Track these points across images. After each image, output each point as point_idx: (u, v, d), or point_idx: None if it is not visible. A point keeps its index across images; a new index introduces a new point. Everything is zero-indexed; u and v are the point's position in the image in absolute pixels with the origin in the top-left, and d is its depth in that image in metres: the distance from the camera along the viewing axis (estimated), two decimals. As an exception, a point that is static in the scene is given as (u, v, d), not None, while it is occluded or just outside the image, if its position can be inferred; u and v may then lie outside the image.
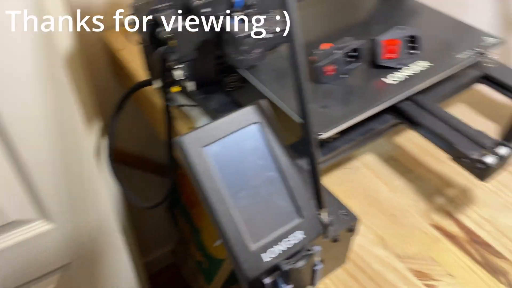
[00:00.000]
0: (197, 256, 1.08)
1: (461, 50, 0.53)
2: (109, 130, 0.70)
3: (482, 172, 0.43)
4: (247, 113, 0.36)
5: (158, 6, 0.45)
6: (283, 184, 0.37)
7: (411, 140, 0.60)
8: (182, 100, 0.62)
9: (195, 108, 0.62)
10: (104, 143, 0.79)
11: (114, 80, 0.93)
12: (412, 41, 0.50)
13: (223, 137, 0.36)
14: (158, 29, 0.46)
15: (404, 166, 0.57)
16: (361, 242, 0.49)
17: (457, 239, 0.49)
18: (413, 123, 0.50)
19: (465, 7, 0.73)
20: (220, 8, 0.47)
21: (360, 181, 0.56)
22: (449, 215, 0.51)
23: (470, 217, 0.51)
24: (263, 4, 0.51)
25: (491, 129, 0.62)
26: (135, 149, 1.06)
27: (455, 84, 0.56)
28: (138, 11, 0.47)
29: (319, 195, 0.36)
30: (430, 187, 0.54)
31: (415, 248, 0.48)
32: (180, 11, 0.47)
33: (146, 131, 1.02)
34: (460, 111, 0.66)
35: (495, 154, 0.43)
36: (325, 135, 0.43)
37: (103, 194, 0.71)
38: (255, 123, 0.37)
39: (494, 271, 0.46)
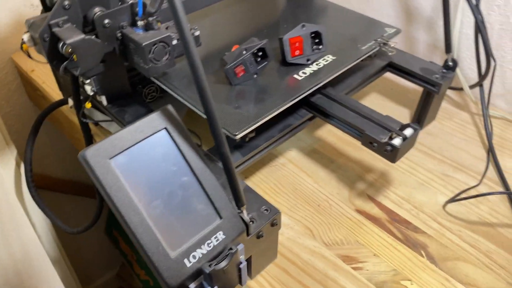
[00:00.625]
0: (141, 275, 1.04)
1: (363, 42, 0.56)
2: (26, 156, 0.66)
3: (392, 154, 0.45)
4: (154, 119, 0.36)
5: (55, 21, 0.44)
6: (199, 187, 0.37)
7: (331, 132, 0.63)
8: (99, 116, 0.60)
9: (113, 123, 0.60)
10: (23, 168, 0.75)
11: (30, 102, 0.88)
12: (317, 37, 0.52)
13: (131, 146, 0.35)
14: (59, 44, 0.44)
15: (327, 157, 0.59)
16: (290, 236, 0.49)
17: (379, 221, 0.51)
18: (326, 115, 0.52)
19: (368, 2, 0.77)
20: (122, 18, 0.47)
21: (287, 176, 0.57)
22: (371, 198, 0.54)
23: (389, 198, 0.54)
24: (165, 11, 0.51)
25: (403, 114, 0.66)
26: (60, 172, 1.01)
27: (363, 75, 0.59)
28: (33, 27, 0.45)
29: (236, 194, 0.37)
30: (351, 175, 0.57)
31: (341, 234, 0.50)
32: (79, 25, 0.45)
33: (70, 153, 0.98)
34: (373, 99, 0.69)
35: (401, 135, 0.46)
36: (240, 135, 0.43)
37: (26, 224, 0.67)
38: (163, 129, 0.36)
39: (415, 246, 0.48)
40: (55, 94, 0.73)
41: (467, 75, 0.68)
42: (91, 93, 0.54)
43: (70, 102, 0.63)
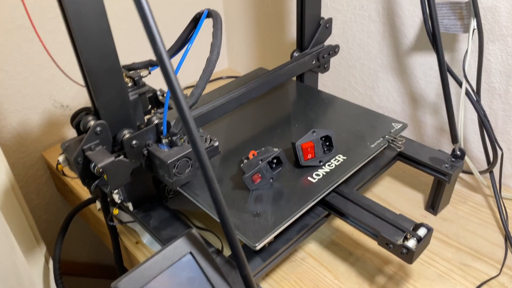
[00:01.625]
0: None
1: (372, 140, 0.59)
2: (55, 254, 0.69)
3: (408, 256, 0.47)
4: (179, 245, 0.39)
5: (87, 145, 0.48)
6: (224, 308, 0.38)
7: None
8: (125, 217, 0.63)
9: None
10: (51, 264, 0.78)
11: (58, 194, 0.92)
12: (328, 140, 0.56)
13: (159, 274, 0.37)
14: (91, 165, 0.48)
15: (345, 249, 0.61)
16: None
17: (402, 319, 0.51)
18: (341, 214, 0.54)
19: (374, 89, 0.81)
20: (148, 137, 0.51)
21: (307, 272, 0.58)
22: (391, 294, 0.54)
23: (410, 293, 0.54)
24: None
25: (416, 198, 0.68)
26: (84, 257, 1.03)
27: (374, 167, 0.61)
28: (68, 150, 0.49)
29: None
30: (370, 267, 0.58)
31: (364, 336, 0.50)
32: (109, 146, 0.50)
33: (94, 238, 1.01)
34: (386, 183, 0.71)
35: (416, 237, 0.47)
36: (260, 245, 0.46)
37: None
38: (188, 253, 0.39)
39: None
40: (83, 191, 0.77)
41: (477, 157, 0.70)
42: (119, 201, 0.58)
43: (98, 204, 0.67)
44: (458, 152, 0.60)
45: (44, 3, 0.75)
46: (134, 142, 0.50)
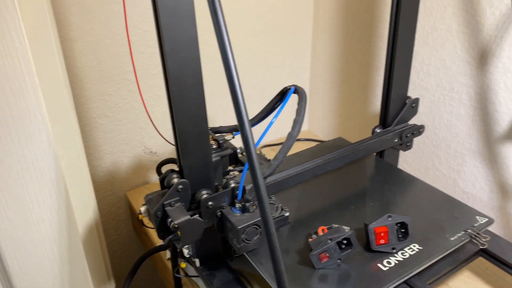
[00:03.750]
0: None
1: (452, 232, 0.56)
2: (122, 294, 0.73)
3: None
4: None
5: (168, 201, 0.51)
6: None
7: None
8: (191, 270, 0.65)
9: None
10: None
11: (134, 233, 0.98)
12: (403, 226, 0.53)
13: None
14: (168, 220, 0.51)
15: None
16: None
17: None
18: (411, 310, 0.51)
19: (459, 172, 0.77)
20: (223, 200, 0.53)
21: None
22: None
23: None
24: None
25: (500, 303, 0.61)
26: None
27: (452, 261, 0.57)
28: (150, 203, 0.53)
29: None
30: None
31: None
32: (187, 204, 0.53)
33: (159, 283, 1.04)
34: (464, 279, 0.65)
35: None
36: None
37: None
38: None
39: None
40: (156, 236, 0.81)
41: None
42: (187, 256, 0.60)
43: (168, 253, 0.70)
44: (553, 259, 0.54)
45: (150, 61, 0.84)
46: (210, 203, 0.52)
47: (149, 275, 1.03)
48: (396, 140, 0.70)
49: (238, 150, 0.62)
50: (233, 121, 0.63)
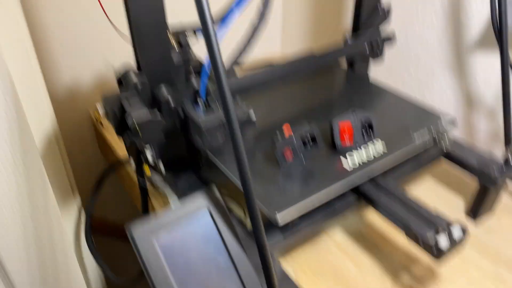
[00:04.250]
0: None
1: (417, 131, 0.56)
2: (87, 209, 0.72)
3: (437, 254, 0.44)
4: (197, 201, 0.38)
5: (126, 97, 0.49)
6: (234, 270, 0.38)
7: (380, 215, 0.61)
8: (156, 178, 0.64)
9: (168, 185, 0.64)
10: (84, 219, 0.81)
11: (101, 155, 0.96)
12: (369, 125, 0.53)
13: (174, 226, 0.37)
14: (127, 119, 0.49)
15: (372, 242, 0.58)
16: (325, 325, 0.48)
17: (422, 321, 0.48)
18: (373, 203, 0.51)
19: (428, 87, 0.77)
20: (185, 98, 0.51)
21: (329, 258, 0.56)
22: (415, 294, 0.51)
23: (435, 297, 0.51)
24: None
25: (458, 204, 0.63)
26: (117, 218, 1.07)
27: (416, 162, 0.58)
28: (107, 101, 0.50)
29: (269, 281, 0.37)
30: (396, 264, 0.55)
31: (379, 331, 0.47)
32: (146, 102, 0.50)
33: (128, 200, 1.04)
34: (427, 184, 0.68)
35: (450, 237, 0.44)
36: (281, 217, 0.44)
37: (78, 274, 0.71)
38: (205, 210, 0.38)
39: None
40: (122, 151, 0.79)
41: (532, 168, 0.65)
42: (151, 159, 0.59)
43: (132, 164, 0.68)
44: (510, 156, 0.56)
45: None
46: (171, 102, 0.50)
47: (118, 195, 1.02)
48: (366, 46, 0.68)
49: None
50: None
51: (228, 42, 0.53)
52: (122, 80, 0.52)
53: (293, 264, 0.55)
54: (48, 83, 0.83)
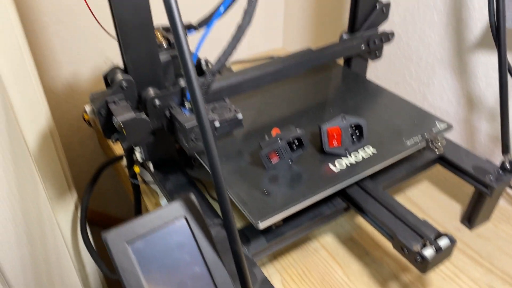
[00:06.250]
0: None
1: (410, 136, 0.54)
2: (83, 203, 0.72)
3: (422, 265, 0.43)
4: (174, 208, 0.38)
5: (112, 98, 0.48)
6: (210, 279, 0.37)
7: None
8: (147, 177, 0.64)
9: (159, 185, 0.63)
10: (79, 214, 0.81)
11: (100, 149, 0.96)
12: (358, 129, 0.52)
13: (149, 233, 0.37)
14: (113, 119, 0.49)
15: (362, 248, 0.57)
16: (307, 333, 0.48)
17: (407, 331, 0.47)
18: (360, 209, 0.50)
19: (428, 86, 0.75)
20: (172, 99, 0.50)
21: (317, 263, 0.55)
22: (402, 303, 0.50)
23: (422, 307, 0.50)
24: (213, 94, 0.54)
25: (454, 209, 0.62)
26: (112, 210, 1.07)
27: (409, 167, 0.56)
28: (95, 101, 0.50)
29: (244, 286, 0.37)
30: (385, 272, 0.54)
31: None
32: (134, 103, 0.50)
33: (124, 193, 1.04)
34: (422, 188, 0.66)
35: (435, 246, 0.43)
36: (264, 225, 0.44)
37: (71, 270, 0.71)
38: (182, 218, 0.38)
39: None
40: (119, 147, 0.79)
41: (533, 174, 0.63)
42: (141, 160, 0.58)
43: (125, 161, 0.68)
44: (508, 165, 0.54)
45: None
46: (157, 102, 0.49)
47: (115, 187, 1.03)
48: (363, 47, 0.66)
49: (203, 62, 0.58)
50: (192, 17, 0.59)
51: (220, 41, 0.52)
52: (108, 79, 0.51)
53: (280, 269, 0.54)
54: (47, 78, 0.83)
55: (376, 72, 0.85)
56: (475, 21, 0.64)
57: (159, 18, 0.48)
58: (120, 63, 0.51)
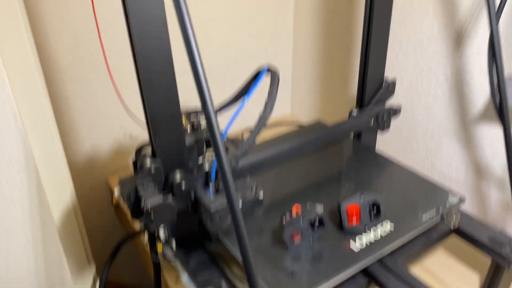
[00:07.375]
0: None
1: (425, 210, 0.56)
2: (102, 277, 0.73)
3: None
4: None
5: (140, 183, 0.51)
6: None
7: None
8: (169, 253, 0.65)
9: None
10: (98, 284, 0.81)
11: (117, 219, 0.98)
12: (376, 207, 0.54)
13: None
14: (141, 202, 0.51)
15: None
16: None
17: None
18: (382, 286, 0.51)
19: (436, 154, 0.78)
20: (197, 182, 0.53)
21: None
22: None
23: None
24: (235, 173, 0.57)
25: (471, 280, 0.62)
26: (130, 281, 1.07)
27: (425, 240, 0.58)
28: (123, 185, 0.53)
29: None
30: None
31: None
32: (160, 185, 0.53)
33: (141, 265, 1.04)
34: (439, 257, 0.67)
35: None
36: (290, 308, 0.45)
37: None
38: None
39: None
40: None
41: (547, 242, 0.64)
42: (163, 238, 0.60)
43: (146, 237, 0.70)
44: (522, 237, 0.55)
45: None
46: (183, 184, 0.52)
47: (132, 260, 1.03)
48: (372, 122, 0.70)
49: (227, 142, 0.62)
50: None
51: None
52: (138, 163, 0.54)
53: None
54: (68, 151, 0.87)
55: (385, 140, 0.88)
56: (477, 96, 0.68)
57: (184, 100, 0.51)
58: (136, 133, 0.54)
